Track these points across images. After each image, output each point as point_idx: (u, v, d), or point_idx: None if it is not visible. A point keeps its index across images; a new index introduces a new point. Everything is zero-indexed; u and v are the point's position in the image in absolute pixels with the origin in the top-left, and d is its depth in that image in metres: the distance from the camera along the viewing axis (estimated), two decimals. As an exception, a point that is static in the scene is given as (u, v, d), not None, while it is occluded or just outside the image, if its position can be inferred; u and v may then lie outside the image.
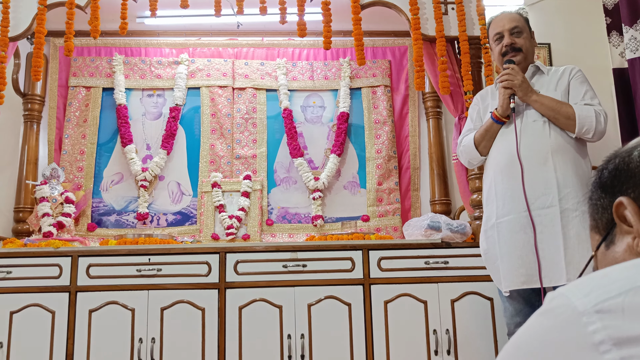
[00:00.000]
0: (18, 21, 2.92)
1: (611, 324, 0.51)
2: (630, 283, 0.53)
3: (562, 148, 2.21)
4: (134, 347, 2.55)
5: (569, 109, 2.21)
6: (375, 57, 3.60)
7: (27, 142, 3.29)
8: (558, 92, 2.30)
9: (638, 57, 3.07)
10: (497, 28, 2.40)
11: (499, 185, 2.29)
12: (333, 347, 2.59)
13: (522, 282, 2.18)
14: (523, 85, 2.25)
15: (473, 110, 2.55)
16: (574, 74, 2.34)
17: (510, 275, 2.21)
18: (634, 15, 3.10)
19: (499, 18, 2.43)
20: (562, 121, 2.21)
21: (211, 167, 3.38)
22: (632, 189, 0.66)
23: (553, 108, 2.22)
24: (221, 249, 2.69)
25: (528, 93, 2.26)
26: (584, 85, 2.30)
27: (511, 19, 2.39)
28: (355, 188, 3.43)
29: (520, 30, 2.37)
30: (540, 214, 2.15)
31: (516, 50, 2.34)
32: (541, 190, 2.17)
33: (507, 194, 2.24)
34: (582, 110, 2.20)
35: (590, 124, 2.18)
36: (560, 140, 2.22)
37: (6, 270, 2.61)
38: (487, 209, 2.35)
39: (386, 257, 2.69)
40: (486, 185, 2.39)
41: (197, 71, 3.52)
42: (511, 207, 2.22)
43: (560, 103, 2.24)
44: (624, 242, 0.67)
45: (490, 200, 2.34)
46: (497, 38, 2.40)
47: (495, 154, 2.35)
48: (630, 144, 0.69)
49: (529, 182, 2.18)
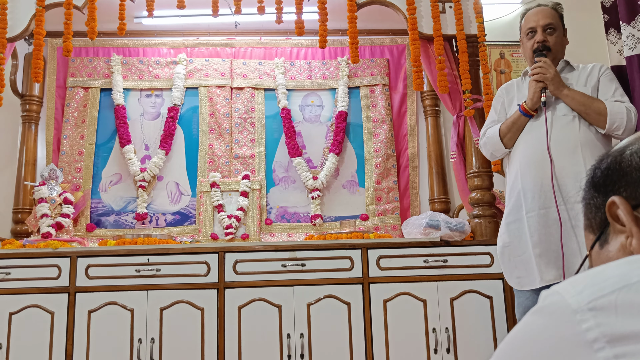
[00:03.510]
0: (15, 22, 2.92)
1: (605, 322, 0.50)
2: (624, 280, 0.53)
3: (591, 143, 2.21)
4: (133, 347, 2.55)
5: (600, 105, 2.21)
6: (373, 56, 3.60)
7: (26, 143, 3.29)
8: (588, 87, 2.30)
9: (636, 54, 3.07)
10: (530, 22, 2.37)
11: (526, 178, 2.26)
12: (332, 346, 2.59)
13: (560, 275, 2.16)
14: (555, 79, 2.24)
15: (497, 102, 2.53)
16: (603, 71, 2.34)
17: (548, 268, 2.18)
18: (632, 13, 3.09)
19: (533, 12, 2.39)
20: (593, 116, 2.21)
21: (210, 167, 3.38)
22: (624, 188, 0.66)
23: (584, 103, 2.22)
24: (220, 248, 2.69)
25: (560, 87, 2.25)
26: (613, 82, 2.31)
27: (546, 14, 2.36)
28: (354, 187, 3.43)
29: (554, 28, 2.35)
30: (572, 208, 2.14)
31: (546, 49, 2.32)
32: (572, 184, 2.16)
33: (537, 188, 2.22)
34: (614, 107, 2.20)
35: (621, 120, 2.18)
36: (589, 135, 2.22)
37: (5, 272, 2.61)
38: (512, 202, 2.31)
39: (385, 255, 2.69)
40: (511, 177, 2.36)
41: (195, 71, 3.51)
42: (543, 201, 2.20)
43: (592, 98, 2.24)
44: (617, 241, 0.66)
45: (515, 193, 2.30)
46: (529, 32, 2.37)
47: (522, 147, 2.32)
48: (623, 143, 0.69)
49: (559, 176, 2.17)
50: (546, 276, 2.21)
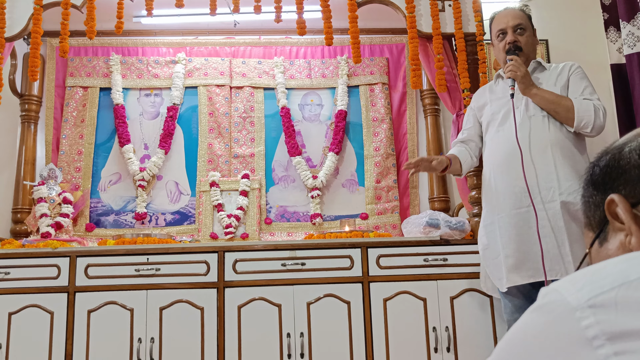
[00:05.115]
0: (14, 21, 2.92)
1: (604, 319, 0.50)
2: (623, 277, 0.52)
3: (561, 142, 2.22)
4: (133, 347, 2.55)
5: (568, 103, 2.22)
6: (372, 55, 3.60)
7: (25, 143, 3.28)
8: (557, 87, 2.31)
9: (636, 52, 3.07)
10: (500, 24, 2.39)
11: (498, 179, 2.29)
12: (332, 346, 2.58)
13: (530, 276, 2.18)
14: (525, 78, 2.25)
15: (469, 113, 2.58)
16: (573, 70, 2.35)
17: (518, 270, 2.20)
18: (632, 11, 3.09)
19: (502, 14, 2.41)
20: (562, 115, 2.22)
21: (209, 166, 3.37)
22: (623, 186, 0.65)
23: (553, 101, 2.23)
24: (220, 248, 2.68)
25: (529, 86, 2.26)
26: (583, 80, 2.31)
27: (515, 15, 2.38)
28: (353, 186, 3.43)
29: (524, 28, 2.37)
30: (543, 209, 2.16)
31: (518, 49, 2.34)
32: (542, 185, 2.18)
33: (508, 189, 2.24)
34: (582, 105, 2.21)
35: (589, 118, 2.19)
36: (559, 135, 2.23)
37: (4, 272, 2.61)
38: (487, 204, 2.35)
39: (385, 254, 2.68)
40: (485, 180, 2.39)
41: (194, 70, 3.51)
42: (513, 202, 2.22)
43: (560, 97, 2.25)
44: (616, 239, 0.66)
45: (489, 195, 2.33)
46: (500, 34, 2.39)
47: (494, 148, 2.34)
48: (621, 140, 0.69)
49: (534, 175, 2.18)
50: (512, 277, 2.23)
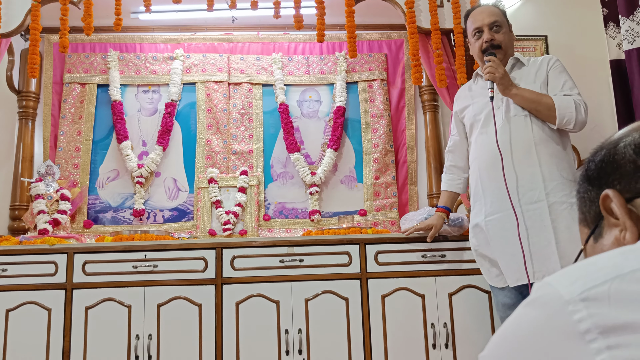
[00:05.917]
0: (10, 17, 2.91)
1: (597, 312, 0.50)
2: (616, 271, 0.52)
3: (545, 141, 2.21)
4: (131, 343, 2.55)
5: (549, 100, 2.19)
6: (371, 51, 3.59)
7: (22, 140, 3.27)
8: (537, 83, 2.28)
9: (635, 48, 3.06)
10: (476, 22, 2.35)
11: (485, 182, 2.28)
12: (331, 342, 2.58)
13: (517, 279, 2.19)
14: (504, 79, 2.21)
15: (454, 119, 2.57)
16: (552, 64, 2.31)
17: (507, 272, 2.23)
18: (631, 6, 3.08)
19: (477, 12, 2.37)
20: (544, 113, 2.20)
21: (207, 163, 3.37)
22: (618, 181, 0.65)
23: (533, 100, 2.20)
24: (217, 244, 2.68)
25: (508, 87, 2.22)
26: (562, 75, 2.28)
27: (490, 13, 2.34)
28: (352, 182, 3.43)
29: (500, 25, 2.33)
30: (529, 209, 2.16)
31: (495, 47, 2.30)
32: (528, 186, 2.17)
33: (495, 192, 2.23)
34: (562, 101, 2.18)
35: (570, 115, 2.17)
36: (542, 134, 2.21)
37: (2, 268, 2.60)
38: (475, 206, 2.36)
39: (383, 251, 2.68)
40: (472, 182, 2.39)
41: (192, 66, 3.50)
42: (500, 205, 2.21)
43: (540, 95, 2.22)
44: (611, 234, 0.66)
45: (477, 197, 2.34)
46: (476, 32, 2.36)
47: (478, 152, 2.34)
48: (616, 135, 0.68)
49: (515, 178, 2.18)
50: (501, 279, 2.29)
